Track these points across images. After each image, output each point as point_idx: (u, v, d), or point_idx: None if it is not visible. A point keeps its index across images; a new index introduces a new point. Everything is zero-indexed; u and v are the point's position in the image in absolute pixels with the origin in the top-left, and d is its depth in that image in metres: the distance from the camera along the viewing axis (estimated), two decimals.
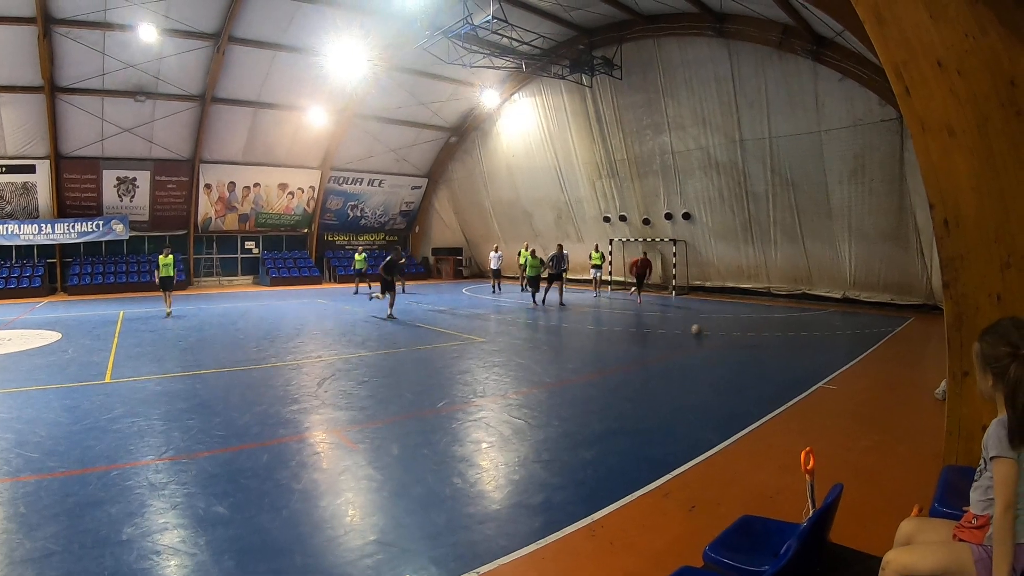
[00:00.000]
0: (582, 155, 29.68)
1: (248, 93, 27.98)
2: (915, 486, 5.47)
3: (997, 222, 4.13)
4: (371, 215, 37.38)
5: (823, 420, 8.13)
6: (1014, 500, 2.53)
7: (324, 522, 5.01)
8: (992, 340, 2.73)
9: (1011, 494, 2.53)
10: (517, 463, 6.38)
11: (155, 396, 9.07)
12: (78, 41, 22.65)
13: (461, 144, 35.91)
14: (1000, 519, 2.53)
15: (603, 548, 4.57)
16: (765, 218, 23.53)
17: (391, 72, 28.34)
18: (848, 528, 4.18)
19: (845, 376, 10.60)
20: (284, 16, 24.22)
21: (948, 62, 4.10)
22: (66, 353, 12.66)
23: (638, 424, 7.88)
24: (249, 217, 32.94)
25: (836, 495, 3.22)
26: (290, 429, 7.56)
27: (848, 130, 20.01)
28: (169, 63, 24.72)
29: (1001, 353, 2.66)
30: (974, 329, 4.39)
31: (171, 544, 4.54)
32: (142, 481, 5.74)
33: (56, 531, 4.70)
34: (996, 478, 2.59)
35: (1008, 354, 2.64)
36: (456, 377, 10.79)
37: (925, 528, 3.09)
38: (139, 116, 26.69)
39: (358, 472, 6.14)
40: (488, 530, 4.86)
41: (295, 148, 31.64)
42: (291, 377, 10.44)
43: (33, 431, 7.25)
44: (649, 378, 11.01)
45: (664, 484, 5.77)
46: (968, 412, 4.52)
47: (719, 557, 3.15)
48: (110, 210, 28.95)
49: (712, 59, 22.83)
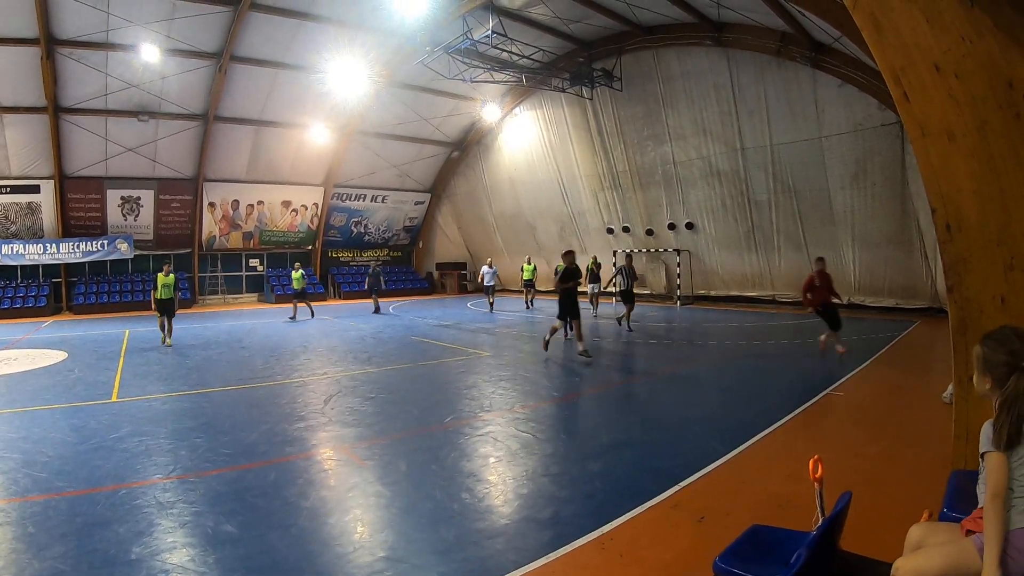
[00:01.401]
0: (584, 167, 29.76)
1: (251, 111, 28.15)
2: (924, 491, 5.44)
3: (999, 225, 4.13)
4: (375, 231, 37.48)
5: (831, 427, 8.11)
6: (1001, 489, 2.70)
7: (333, 539, 4.99)
8: (992, 345, 2.88)
9: (996, 483, 2.71)
10: (525, 477, 6.36)
11: (162, 415, 9.07)
12: (81, 62, 22.85)
13: (463, 159, 36.05)
14: (988, 505, 2.71)
15: (613, 561, 4.55)
16: (768, 226, 23.57)
17: (392, 88, 28.50)
18: (858, 535, 4.15)
19: (852, 382, 10.56)
20: (285, 35, 24.43)
21: (946, 66, 4.11)
22: (72, 372, 12.68)
23: (645, 435, 7.86)
24: (253, 235, 33.07)
25: (845, 502, 3.22)
26: (297, 447, 7.54)
27: (849, 135, 20.07)
28: (171, 82, 24.90)
29: (1000, 360, 2.82)
30: (979, 332, 4.37)
31: (180, 563, 4.53)
32: (150, 500, 5.73)
33: (65, 551, 4.69)
34: (987, 470, 2.77)
35: (1006, 363, 2.79)
36: (463, 392, 10.78)
37: (935, 533, 3.12)
38: (142, 135, 26.86)
39: (367, 489, 6.12)
40: (498, 545, 4.84)
41: (298, 165, 31.79)
42: (297, 394, 10.44)
43: (40, 451, 7.26)
44: (655, 389, 10.99)
45: (673, 495, 5.74)
46: (976, 416, 4.50)
47: (729, 568, 3.13)
48: (115, 229, 29.10)
49: (711, 68, 22.95)
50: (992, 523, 2.65)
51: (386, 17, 22.27)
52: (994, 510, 2.66)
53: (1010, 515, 2.68)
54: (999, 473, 2.69)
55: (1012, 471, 2.70)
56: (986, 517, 2.69)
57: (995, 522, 2.65)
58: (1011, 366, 2.76)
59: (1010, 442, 2.70)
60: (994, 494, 2.68)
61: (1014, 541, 2.65)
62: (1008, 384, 2.76)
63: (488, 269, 26.41)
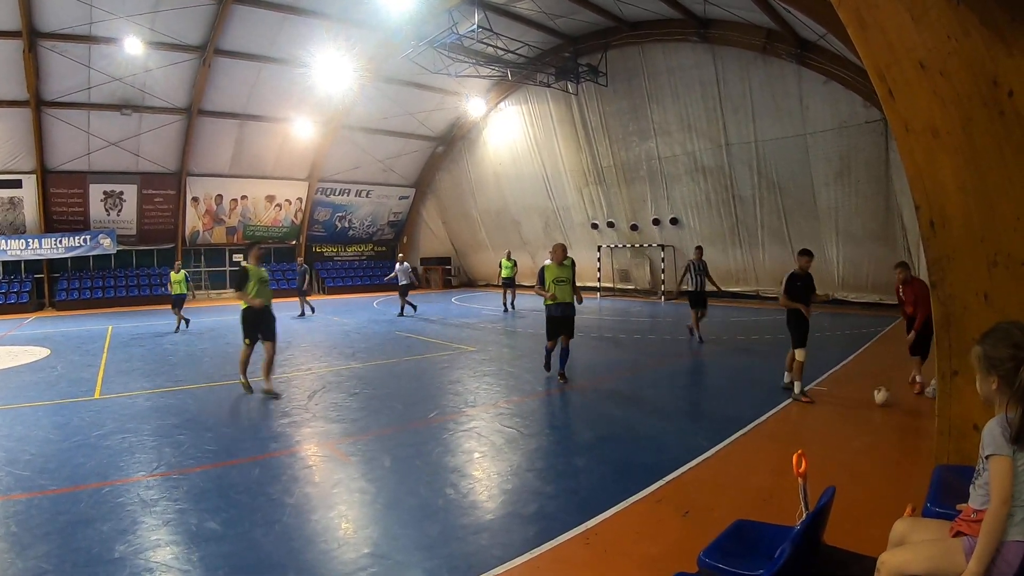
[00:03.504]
0: (569, 162, 29.79)
1: (235, 105, 27.98)
2: (907, 486, 5.49)
3: (983, 221, 4.16)
4: (359, 226, 37.40)
5: (814, 422, 8.16)
6: (1010, 495, 2.61)
7: (317, 536, 4.98)
8: (994, 342, 2.78)
9: (1006, 488, 2.61)
10: (510, 472, 6.36)
11: (145, 412, 9.00)
12: (63, 55, 22.61)
13: (448, 153, 35.97)
14: (995, 512, 2.62)
15: (598, 556, 4.56)
16: (752, 221, 23.68)
17: (377, 83, 28.39)
18: (842, 530, 4.17)
19: (835, 377, 10.64)
20: (270, 28, 24.25)
21: (931, 64, 4.13)
22: (55, 369, 12.57)
23: (630, 431, 7.87)
24: (237, 230, 32.88)
25: (829, 497, 3.23)
26: (281, 443, 7.51)
27: (833, 132, 20.18)
28: (155, 76, 24.69)
29: (1005, 355, 2.71)
30: (963, 328, 4.42)
31: (164, 561, 4.50)
32: (133, 498, 5.69)
33: (48, 550, 4.65)
34: (992, 474, 2.67)
35: (1012, 356, 2.69)
36: (447, 387, 10.77)
37: (919, 528, 3.12)
38: (125, 129, 26.64)
39: (351, 485, 6.11)
40: (482, 540, 4.84)
41: (282, 160, 31.64)
42: (281, 390, 10.36)
43: (23, 449, 7.19)
44: (640, 385, 10.99)
45: (657, 490, 5.76)
46: (959, 411, 4.54)
47: (713, 562, 3.14)
48: (97, 224, 28.86)
49: (697, 64, 23.00)
50: (996, 531, 2.60)
51: (371, 11, 22.14)
52: (1000, 517, 2.61)
53: (1011, 527, 2.63)
54: (1009, 478, 2.62)
55: (1017, 475, 2.63)
56: (988, 524, 2.63)
57: (997, 531, 2.60)
58: (1018, 359, 2.67)
59: None
60: (1003, 500, 2.61)
61: (1005, 553, 2.61)
62: (1019, 378, 2.66)
63: (400, 266, 22.61)
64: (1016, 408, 2.67)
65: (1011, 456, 2.63)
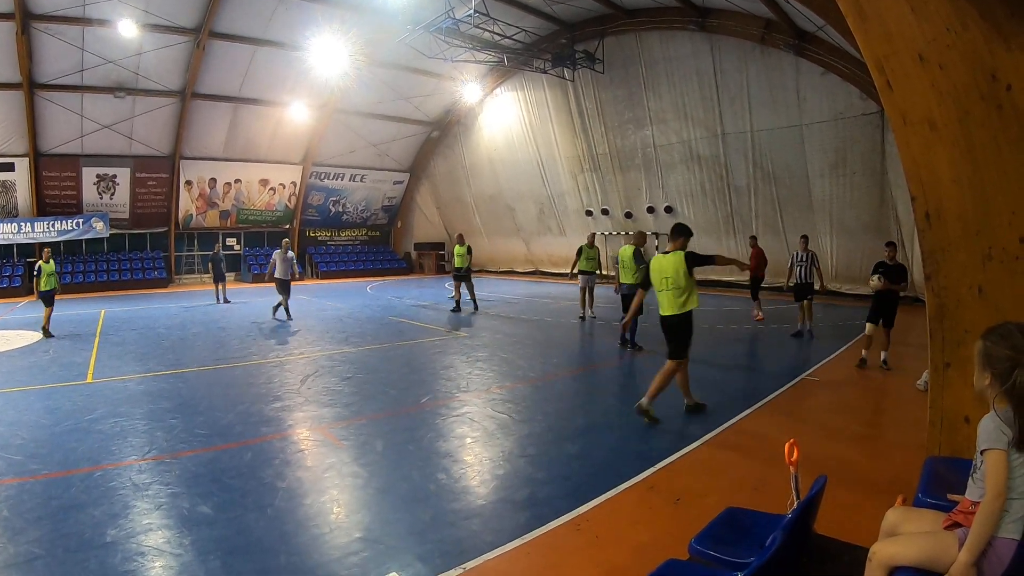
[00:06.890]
0: (564, 149, 29.72)
1: (229, 88, 27.79)
2: (899, 476, 5.52)
3: (978, 215, 4.16)
4: (353, 210, 37.32)
5: (806, 412, 8.20)
6: (1004, 489, 2.67)
7: (309, 520, 4.99)
8: (995, 340, 2.84)
9: (1000, 483, 2.67)
10: (502, 458, 6.38)
11: (137, 396, 8.99)
12: (57, 37, 22.38)
13: (443, 139, 35.83)
14: (988, 504, 2.68)
15: (589, 542, 4.58)
16: (747, 211, 23.69)
17: (372, 67, 28.18)
18: (833, 519, 4.19)
19: (828, 367, 10.68)
20: (265, 11, 24.08)
21: (929, 56, 4.12)
22: (47, 354, 12.54)
23: (622, 418, 7.87)
24: (230, 213, 32.78)
25: (820, 486, 3.24)
26: (273, 427, 7.51)
27: (829, 124, 20.15)
28: (149, 58, 24.47)
29: (1002, 355, 2.78)
30: (956, 321, 4.43)
31: (156, 545, 4.51)
32: (125, 482, 5.69)
33: (39, 535, 4.66)
34: (987, 468, 2.73)
35: (1008, 357, 2.76)
36: (440, 372, 10.79)
37: (910, 518, 3.15)
38: (119, 112, 26.43)
39: (343, 469, 6.11)
40: (474, 526, 4.85)
41: (276, 143, 31.49)
42: (274, 374, 10.38)
43: (15, 433, 7.18)
44: (633, 372, 11.02)
45: (649, 477, 5.78)
46: (950, 403, 4.56)
47: (705, 549, 3.16)
48: (90, 208, 28.70)
49: (694, 53, 22.91)
50: (988, 523, 2.66)
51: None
52: (994, 511, 2.66)
53: (1001, 520, 2.68)
54: (1003, 473, 2.68)
55: (1012, 471, 2.69)
56: (981, 515, 2.68)
57: (990, 523, 2.66)
58: (1014, 361, 2.74)
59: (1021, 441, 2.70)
60: (997, 494, 2.66)
61: (997, 548, 2.66)
62: (1011, 379, 2.74)
63: (284, 254, 17.37)
64: (1004, 404, 2.76)
65: (1006, 450, 2.69)
